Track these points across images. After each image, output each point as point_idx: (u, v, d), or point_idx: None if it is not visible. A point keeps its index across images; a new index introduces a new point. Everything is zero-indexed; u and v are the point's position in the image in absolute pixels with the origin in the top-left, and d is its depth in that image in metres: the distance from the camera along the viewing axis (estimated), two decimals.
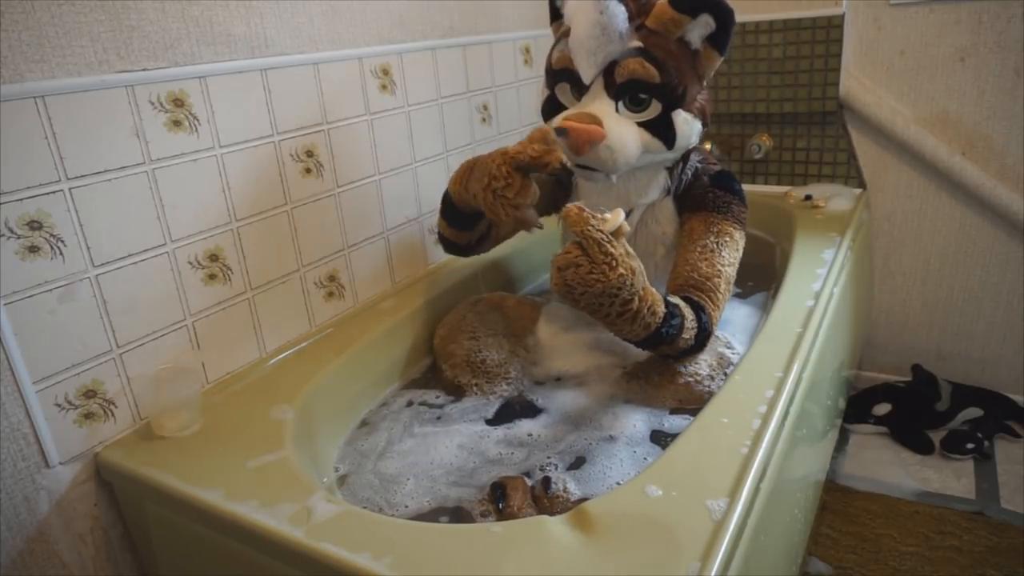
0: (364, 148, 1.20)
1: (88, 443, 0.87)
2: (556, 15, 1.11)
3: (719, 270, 1.03)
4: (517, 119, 1.60)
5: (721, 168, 1.16)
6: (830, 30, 1.52)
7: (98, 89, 0.82)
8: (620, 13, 0.97)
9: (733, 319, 1.22)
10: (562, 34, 1.04)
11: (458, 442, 0.99)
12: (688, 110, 1.02)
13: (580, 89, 1.03)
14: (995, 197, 1.48)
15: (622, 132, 0.98)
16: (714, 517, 0.66)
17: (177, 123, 0.91)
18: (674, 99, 1.00)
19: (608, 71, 0.99)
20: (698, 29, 0.99)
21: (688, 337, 0.96)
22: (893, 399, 1.59)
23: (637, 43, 0.98)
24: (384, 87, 1.23)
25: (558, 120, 1.00)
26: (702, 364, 1.02)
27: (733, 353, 1.05)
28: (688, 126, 1.02)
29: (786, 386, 0.87)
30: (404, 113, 1.28)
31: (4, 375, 0.78)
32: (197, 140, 0.94)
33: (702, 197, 1.11)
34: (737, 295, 1.37)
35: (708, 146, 1.72)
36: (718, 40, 1.00)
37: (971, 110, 1.48)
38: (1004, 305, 1.57)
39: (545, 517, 0.70)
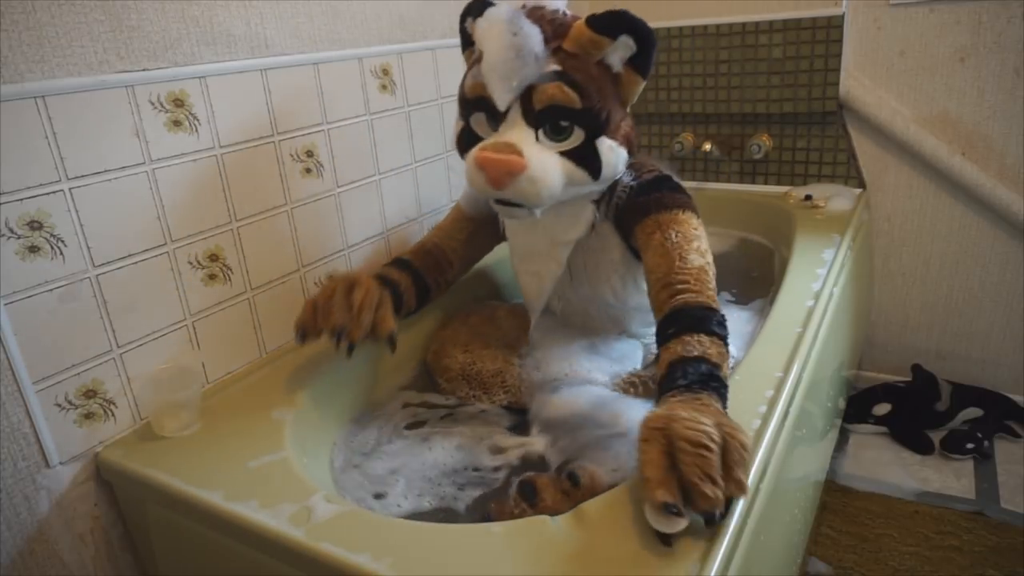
0: (364, 148, 1.21)
1: (88, 443, 0.87)
2: (468, 42, 1.03)
3: (700, 264, 0.93)
4: None
5: (657, 174, 1.04)
6: (830, 30, 1.52)
7: (98, 89, 0.82)
8: (535, 34, 0.90)
9: (731, 328, 1.21)
10: (475, 61, 0.96)
11: (456, 443, 0.99)
12: (612, 137, 0.94)
13: (496, 119, 0.94)
14: (995, 197, 1.48)
15: (544, 161, 0.90)
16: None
17: (177, 123, 0.91)
18: (597, 125, 0.92)
19: (526, 97, 0.91)
20: (619, 51, 0.92)
21: (717, 354, 0.82)
22: (893, 399, 1.59)
23: (555, 66, 0.91)
24: (384, 87, 1.23)
25: (474, 152, 0.93)
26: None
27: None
28: (613, 154, 0.95)
29: (786, 386, 0.87)
30: (404, 113, 1.28)
31: (4, 375, 0.78)
32: (197, 140, 0.94)
33: (643, 206, 1.00)
34: (734, 301, 1.37)
35: (708, 146, 1.73)
36: (640, 63, 0.93)
37: (971, 110, 1.48)
38: (1004, 305, 1.57)
39: (545, 517, 0.70)
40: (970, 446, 1.47)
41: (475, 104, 0.96)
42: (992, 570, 1.20)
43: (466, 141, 0.99)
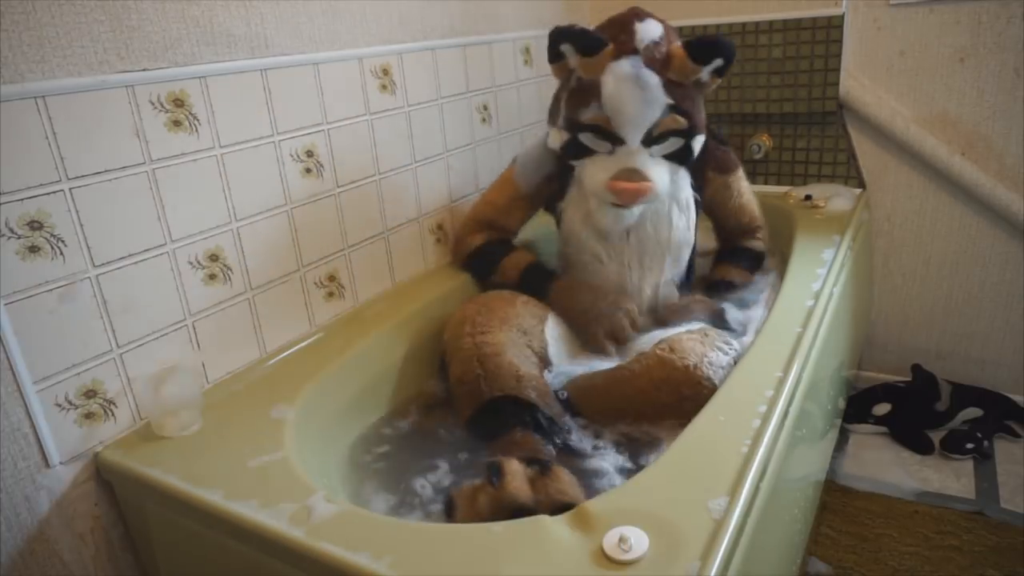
0: (364, 148, 1.21)
1: (88, 443, 0.87)
2: (558, 56, 1.16)
3: (751, 208, 1.37)
4: (517, 119, 1.61)
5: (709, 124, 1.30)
6: (830, 30, 1.52)
7: (98, 89, 0.82)
8: (656, 82, 1.09)
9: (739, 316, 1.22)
10: (590, 93, 1.12)
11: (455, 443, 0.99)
12: (701, 132, 1.17)
13: (614, 143, 1.12)
14: (994, 197, 1.48)
15: (660, 174, 1.13)
16: (714, 516, 0.66)
17: (177, 123, 0.91)
18: (694, 131, 1.15)
19: (646, 135, 1.11)
20: (708, 68, 1.13)
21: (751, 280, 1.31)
22: (893, 399, 1.59)
23: (668, 100, 1.10)
24: (384, 87, 1.23)
25: (607, 181, 1.12)
26: (690, 355, 1.02)
27: (729, 348, 1.06)
28: (699, 143, 1.17)
29: (786, 386, 0.87)
30: (404, 113, 1.28)
31: (4, 375, 0.78)
32: (197, 140, 0.94)
33: (714, 155, 1.30)
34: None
35: None
36: (723, 72, 1.14)
37: (971, 110, 1.48)
38: (1004, 305, 1.57)
39: (545, 517, 0.70)
40: (970, 446, 1.47)
41: (592, 130, 1.13)
42: (992, 570, 1.20)
43: (575, 151, 1.17)
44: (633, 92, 1.09)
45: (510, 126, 1.58)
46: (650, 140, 1.12)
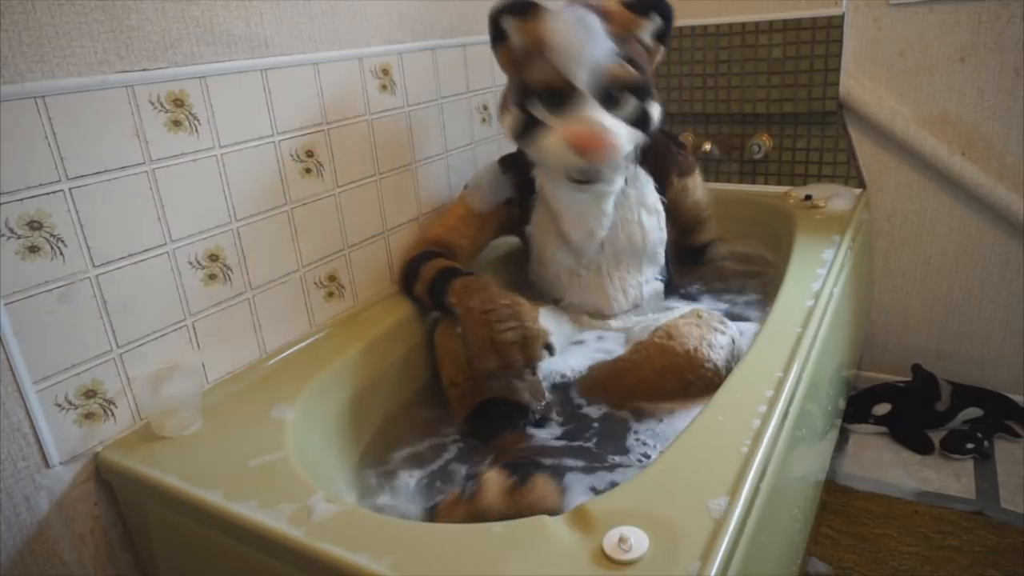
0: (364, 148, 1.20)
1: (88, 443, 0.87)
2: (500, 36, 1.13)
3: (704, 204, 1.41)
4: None
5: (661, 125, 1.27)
6: (830, 30, 1.52)
7: (98, 89, 0.82)
8: (596, 20, 1.06)
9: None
10: (531, 50, 1.09)
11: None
12: (654, 99, 1.14)
13: (561, 103, 1.07)
14: (995, 197, 1.48)
15: (619, 128, 1.07)
16: (714, 516, 0.66)
17: (177, 123, 0.91)
18: (648, 93, 1.12)
19: (591, 79, 1.05)
20: (649, 28, 1.12)
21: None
22: (893, 399, 1.59)
23: (615, 47, 1.07)
24: (384, 87, 1.23)
25: (561, 132, 1.06)
26: (689, 339, 1.04)
27: (725, 328, 1.07)
28: (654, 113, 1.14)
29: (786, 386, 0.87)
30: (404, 113, 1.28)
31: (4, 375, 0.78)
32: (197, 140, 0.94)
33: (675, 159, 1.32)
34: (733, 303, 1.37)
35: (708, 146, 1.73)
36: (663, 35, 1.14)
37: (971, 110, 1.48)
38: (1004, 305, 1.57)
39: (545, 517, 0.70)
40: (970, 446, 1.47)
41: (538, 93, 1.08)
42: (992, 570, 1.20)
43: (527, 126, 1.10)
44: (577, 30, 1.05)
45: None
46: (604, 96, 1.06)
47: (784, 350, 0.95)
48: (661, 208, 1.26)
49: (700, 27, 1.65)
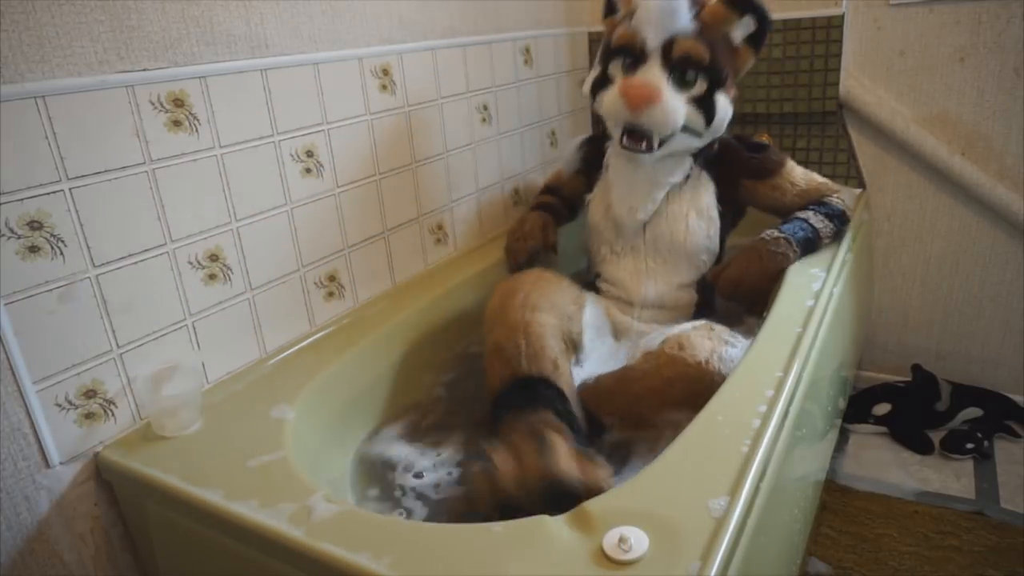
0: (364, 148, 1.21)
1: (88, 443, 0.87)
2: (611, 10, 1.26)
3: (815, 186, 1.29)
4: (517, 119, 1.60)
5: (733, 134, 1.32)
6: (830, 30, 1.52)
7: (98, 89, 0.83)
8: (685, 2, 1.14)
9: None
10: (626, 16, 1.19)
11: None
12: (727, 94, 1.17)
13: (636, 63, 1.16)
14: (995, 197, 1.48)
15: (672, 98, 1.13)
16: (714, 516, 0.66)
17: (177, 123, 0.91)
18: (718, 79, 1.15)
19: (666, 49, 1.13)
20: (741, 28, 1.16)
21: (824, 226, 1.24)
22: (893, 399, 1.59)
23: (694, 24, 1.14)
24: (384, 87, 1.23)
25: (618, 85, 1.15)
26: (700, 351, 1.03)
27: (736, 342, 1.06)
28: (724, 109, 1.17)
29: (786, 386, 0.87)
30: (404, 113, 1.28)
31: (4, 375, 0.78)
32: (197, 140, 0.94)
33: (748, 164, 1.28)
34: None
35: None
36: (756, 40, 1.18)
37: (971, 110, 1.48)
38: (1004, 305, 1.57)
39: (545, 517, 0.70)
40: (970, 446, 1.47)
41: (619, 52, 1.18)
42: (992, 570, 1.20)
43: (601, 84, 1.21)
44: (663, 2, 1.14)
45: (510, 126, 1.58)
46: (670, 65, 1.13)
47: (784, 350, 0.95)
48: (716, 216, 1.25)
49: None
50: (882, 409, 1.58)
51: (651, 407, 1.00)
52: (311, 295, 1.14)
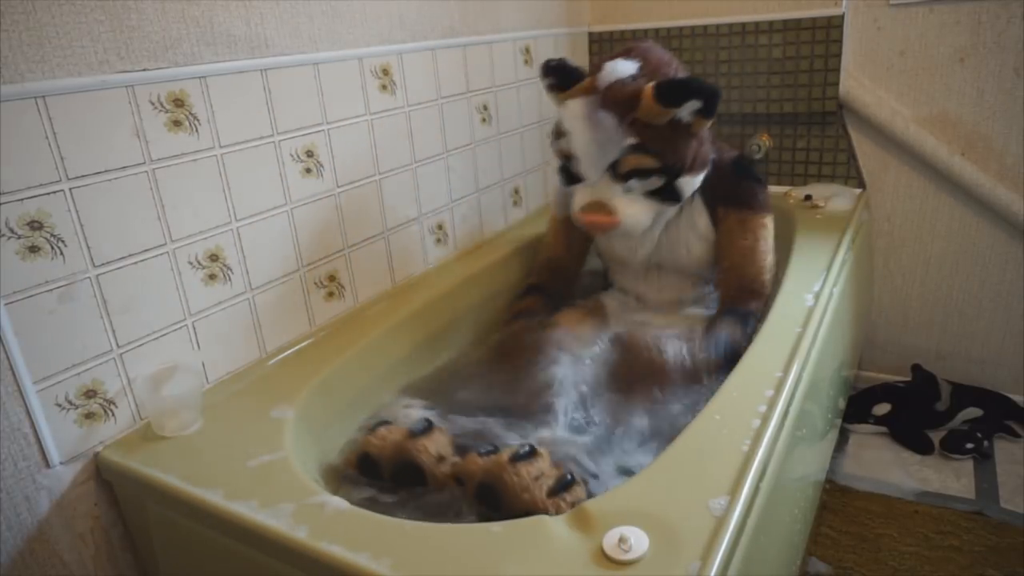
0: (364, 148, 1.21)
1: (88, 443, 0.87)
2: (548, 88, 1.22)
3: (760, 267, 1.20)
4: (517, 119, 1.61)
5: (737, 155, 1.27)
6: (830, 30, 1.52)
7: (98, 89, 0.83)
8: (609, 124, 1.08)
9: None
10: (559, 133, 1.16)
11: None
12: (690, 173, 1.14)
13: (582, 174, 1.15)
14: (995, 197, 1.48)
15: (633, 210, 1.13)
16: (714, 516, 0.66)
17: (177, 123, 0.91)
18: (675, 173, 1.12)
19: (613, 168, 1.11)
20: (686, 110, 1.08)
21: (742, 342, 1.09)
22: (893, 399, 1.59)
23: (632, 139, 1.09)
24: (384, 87, 1.23)
25: (576, 213, 1.17)
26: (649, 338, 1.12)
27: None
28: (691, 183, 1.15)
29: (786, 386, 0.87)
30: (404, 113, 1.28)
31: (4, 375, 0.78)
32: (197, 140, 0.94)
33: (732, 189, 1.22)
34: None
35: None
36: (706, 112, 1.09)
37: (970, 110, 1.48)
38: (1004, 305, 1.57)
39: (545, 517, 0.70)
40: (970, 446, 1.47)
41: (566, 159, 1.17)
42: (992, 570, 1.20)
43: (565, 178, 1.21)
44: (583, 131, 1.11)
45: (510, 126, 1.58)
46: (621, 176, 1.12)
47: (784, 350, 0.95)
48: (712, 235, 1.26)
49: (700, 27, 1.65)
50: (882, 409, 1.58)
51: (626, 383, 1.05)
52: (311, 295, 1.14)
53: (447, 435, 0.94)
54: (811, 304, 1.08)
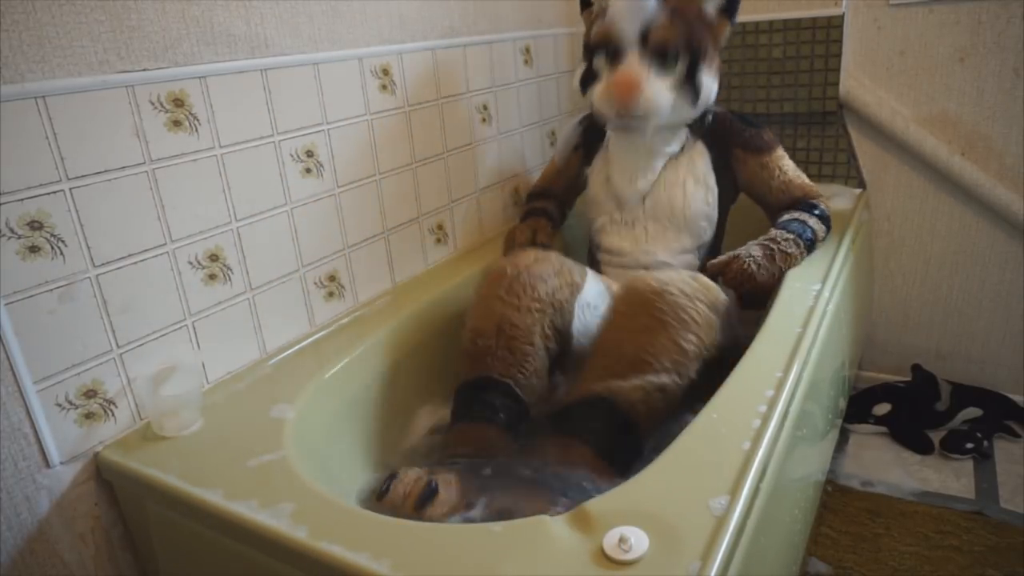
0: (364, 148, 1.21)
1: (88, 443, 0.87)
2: (586, 3, 1.32)
3: (801, 183, 1.32)
4: (517, 119, 1.61)
5: (740, 113, 1.36)
6: (830, 30, 1.52)
7: (98, 89, 0.83)
8: None
9: None
10: (598, 14, 1.26)
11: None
12: (709, 68, 1.22)
13: (616, 58, 1.21)
14: (995, 197, 1.48)
15: (655, 85, 1.19)
16: (715, 516, 0.66)
17: (177, 123, 0.91)
18: (698, 57, 1.20)
19: (643, 40, 1.18)
20: (713, 2, 1.21)
21: (820, 229, 1.26)
22: (893, 399, 1.59)
23: (667, 12, 1.19)
24: (384, 87, 1.23)
25: (604, 83, 1.22)
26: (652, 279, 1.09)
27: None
28: (709, 85, 1.22)
29: (786, 386, 0.87)
30: (404, 113, 1.28)
31: (5, 375, 0.78)
32: (197, 140, 0.94)
33: (741, 135, 1.31)
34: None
35: None
36: (729, 10, 1.22)
37: (971, 110, 1.48)
38: (1004, 305, 1.57)
39: (545, 517, 0.70)
40: (970, 446, 1.47)
41: (599, 48, 1.24)
42: (992, 570, 1.20)
43: (588, 79, 1.27)
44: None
45: (510, 126, 1.58)
46: (648, 55, 1.19)
47: (784, 350, 0.95)
48: (713, 184, 1.29)
49: None
50: (882, 409, 1.58)
51: (631, 344, 1.01)
52: (311, 295, 1.14)
53: (456, 483, 0.89)
54: (811, 304, 1.08)
